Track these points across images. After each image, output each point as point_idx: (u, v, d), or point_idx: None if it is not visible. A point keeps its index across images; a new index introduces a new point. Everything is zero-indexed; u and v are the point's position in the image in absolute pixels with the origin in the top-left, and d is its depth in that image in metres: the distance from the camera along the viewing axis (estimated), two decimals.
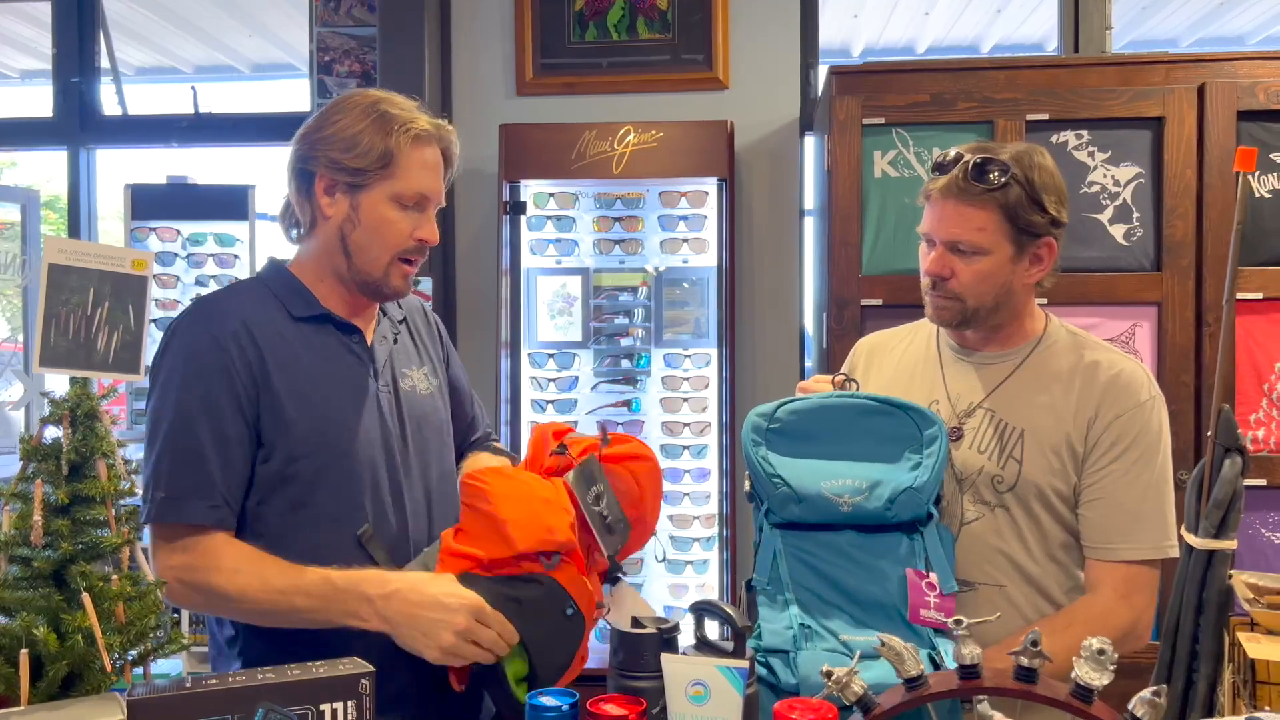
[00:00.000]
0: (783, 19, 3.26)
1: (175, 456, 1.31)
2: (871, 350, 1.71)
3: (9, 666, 0.98)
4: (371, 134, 1.39)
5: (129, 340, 1.09)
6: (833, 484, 1.32)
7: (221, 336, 1.35)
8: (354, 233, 1.41)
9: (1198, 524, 1.04)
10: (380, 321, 1.52)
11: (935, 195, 1.46)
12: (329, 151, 1.40)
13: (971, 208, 1.42)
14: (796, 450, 1.38)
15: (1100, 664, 0.93)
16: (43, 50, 4.40)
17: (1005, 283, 1.46)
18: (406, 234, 1.41)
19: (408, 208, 1.41)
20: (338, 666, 1.07)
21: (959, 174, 1.42)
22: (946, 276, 1.46)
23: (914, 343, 1.66)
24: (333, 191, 1.41)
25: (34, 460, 1.03)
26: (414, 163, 1.41)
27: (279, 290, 1.44)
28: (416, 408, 1.49)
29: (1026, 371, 1.51)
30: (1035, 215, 1.42)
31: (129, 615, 1.03)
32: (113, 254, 1.08)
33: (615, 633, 1.12)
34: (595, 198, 3.14)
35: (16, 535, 1.01)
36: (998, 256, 1.44)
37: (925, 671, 0.98)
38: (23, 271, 3.80)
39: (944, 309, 1.49)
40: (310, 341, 1.41)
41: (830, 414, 1.40)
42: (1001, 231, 1.42)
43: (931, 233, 1.48)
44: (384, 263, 1.41)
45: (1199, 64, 2.54)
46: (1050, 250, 1.47)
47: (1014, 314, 1.51)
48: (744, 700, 0.95)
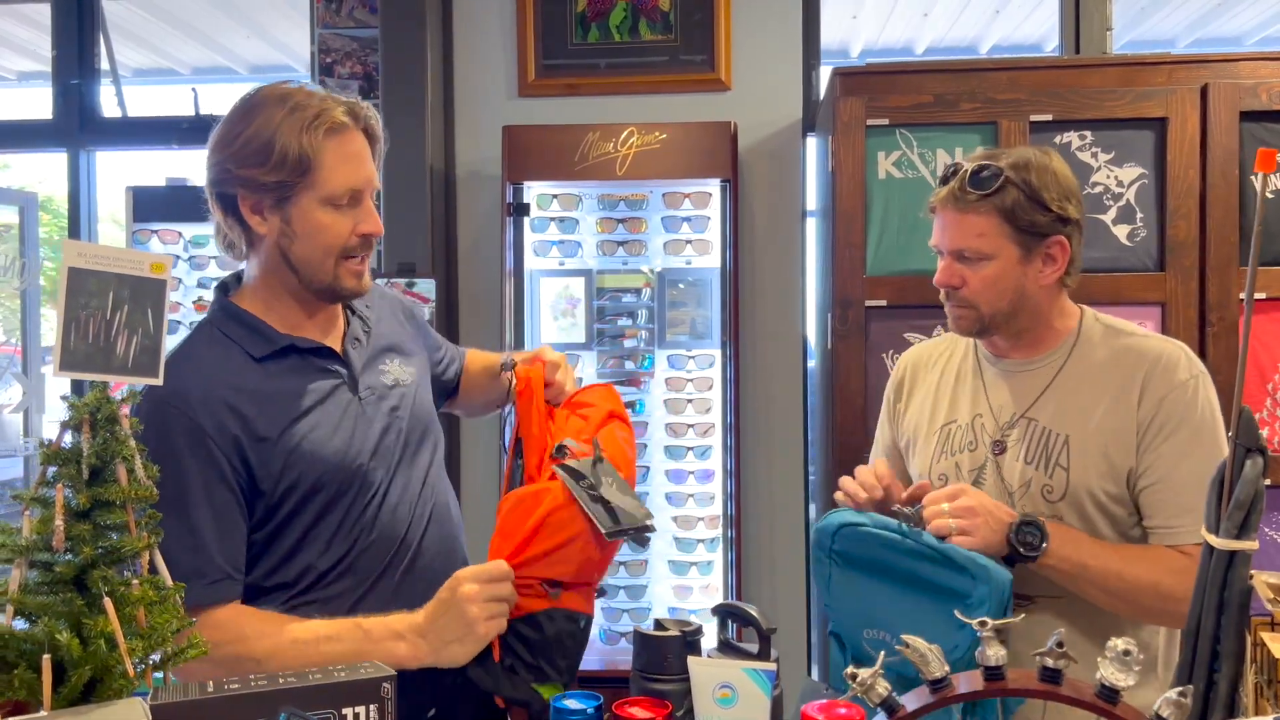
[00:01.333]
0: (784, 20, 3.26)
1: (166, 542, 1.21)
2: (915, 365, 1.71)
3: (31, 672, 0.97)
4: (284, 138, 1.29)
5: (148, 344, 1.08)
6: (872, 636, 1.32)
7: (190, 409, 1.27)
8: (293, 246, 1.34)
9: (1218, 524, 1.04)
10: (350, 323, 1.47)
11: (939, 206, 1.49)
12: (243, 170, 1.30)
13: (970, 215, 1.44)
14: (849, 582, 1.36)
15: (1126, 665, 0.93)
16: (40, 52, 4.39)
17: (1017, 286, 1.46)
18: (347, 233, 1.34)
19: (341, 206, 1.33)
20: (359, 670, 1.07)
21: (957, 184, 1.45)
22: (957, 285, 1.48)
23: (954, 354, 1.66)
24: (260, 210, 1.33)
25: (54, 464, 1.02)
26: (336, 159, 1.31)
27: (233, 333, 1.37)
28: (401, 404, 1.46)
29: (1066, 377, 1.49)
30: (1037, 215, 1.42)
31: (150, 620, 1.03)
32: (131, 257, 1.07)
33: (638, 635, 1.11)
34: (598, 199, 3.14)
35: (38, 540, 1.00)
36: (1003, 260, 1.44)
37: (949, 673, 0.98)
38: (21, 274, 3.79)
39: (961, 318, 1.51)
40: (280, 377, 1.35)
41: (888, 554, 1.34)
42: (1003, 235, 1.43)
43: (938, 244, 1.50)
44: (329, 267, 1.35)
45: (1201, 64, 2.55)
46: (1063, 248, 1.46)
47: (1038, 317, 1.50)
48: (772, 702, 0.95)
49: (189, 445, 1.26)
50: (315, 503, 1.33)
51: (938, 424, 1.60)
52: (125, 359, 1.06)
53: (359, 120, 1.35)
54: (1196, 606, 1.05)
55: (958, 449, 1.55)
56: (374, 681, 1.05)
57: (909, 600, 1.30)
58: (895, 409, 1.72)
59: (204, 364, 1.32)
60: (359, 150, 1.35)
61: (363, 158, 1.35)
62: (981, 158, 1.46)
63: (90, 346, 1.04)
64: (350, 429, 1.37)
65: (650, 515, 1.29)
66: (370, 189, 1.36)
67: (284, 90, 1.33)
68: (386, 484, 1.40)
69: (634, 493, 1.33)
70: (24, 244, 3.90)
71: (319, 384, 1.37)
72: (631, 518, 1.26)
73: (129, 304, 1.07)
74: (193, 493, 1.26)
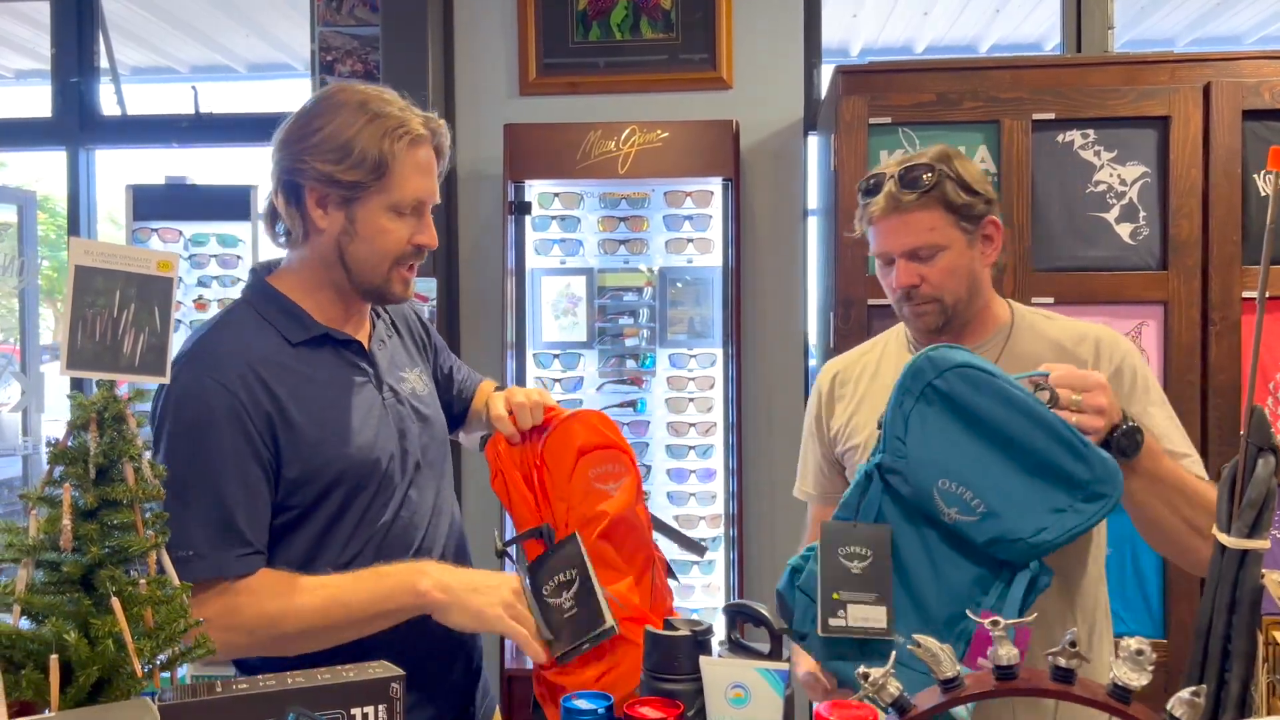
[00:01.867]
0: (786, 19, 3.26)
1: (198, 514, 1.26)
2: (839, 376, 1.70)
3: (38, 673, 0.96)
4: (364, 141, 1.32)
5: (155, 342, 1.07)
6: (947, 487, 1.22)
7: (228, 381, 1.29)
8: (350, 245, 1.36)
9: (1230, 523, 1.04)
10: (375, 325, 1.49)
11: (878, 216, 1.53)
12: (317, 163, 1.32)
13: (916, 213, 1.49)
14: (942, 424, 1.24)
15: (1139, 664, 0.93)
16: (39, 50, 4.38)
17: (970, 270, 1.53)
18: (405, 241, 1.37)
19: (405, 214, 1.36)
20: (367, 670, 1.07)
21: (892, 188, 1.50)
22: (917, 284, 1.52)
23: (885, 356, 1.67)
24: (325, 205, 1.35)
25: (61, 464, 1.01)
26: (409, 169, 1.35)
27: (271, 315, 1.38)
28: (420, 409, 1.48)
29: (1012, 357, 1.54)
30: (969, 198, 1.50)
31: (157, 619, 1.02)
32: (138, 255, 1.07)
33: (649, 635, 1.11)
34: (600, 198, 3.14)
35: (45, 540, 1.00)
36: (956, 248, 1.51)
37: (961, 672, 0.98)
38: (20, 273, 3.78)
39: (924, 314, 1.54)
40: (313, 365, 1.37)
41: (1004, 409, 1.23)
42: (950, 224, 1.50)
43: (888, 250, 1.54)
44: (384, 271, 1.38)
45: (1204, 63, 2.55)
46: (996, 226, 1.55)
47: (983, 301, 1.58)
48: (784, 702, 0.94)
49: (226, 418, 1.28)
50: (335, 497, 1.34)
51: None
52: (132, 358, 1.06)
53: (434, 135, 1.39)
54: (1208, 605, 1.05)
55: None
56: (383, 681, 1.05)
57: (1008, 466, 1.22)
58: (825, 422, 1.69)
59: (242, 340, 1.34)
60: (430, 163, 1.39)
61: (431, 171, 1.39)
62: (901, 162, 1.52)
63: (97, 345, 1.04)
64: (375, 426, 1.38)
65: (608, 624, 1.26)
66: (432, 201, 1.40)
67: (363, 94, 1.36)
68: (404, 489, 1.40)
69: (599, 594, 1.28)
70: (22, 243, 3.89)
71: (349, 377, 1.39)
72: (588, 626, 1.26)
73: (136, 302, 1.06)
74: (227, 466, 1.28)
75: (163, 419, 1.30)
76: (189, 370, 1.29)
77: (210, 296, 3.28)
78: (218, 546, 1.26)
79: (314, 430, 1.32)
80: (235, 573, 1.27)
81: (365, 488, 1.35)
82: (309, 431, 1.32)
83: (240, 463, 1.28)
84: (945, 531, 1.25)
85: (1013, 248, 2.52)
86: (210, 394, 1.28)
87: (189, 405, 1.28)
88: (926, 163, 1.50)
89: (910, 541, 1.26)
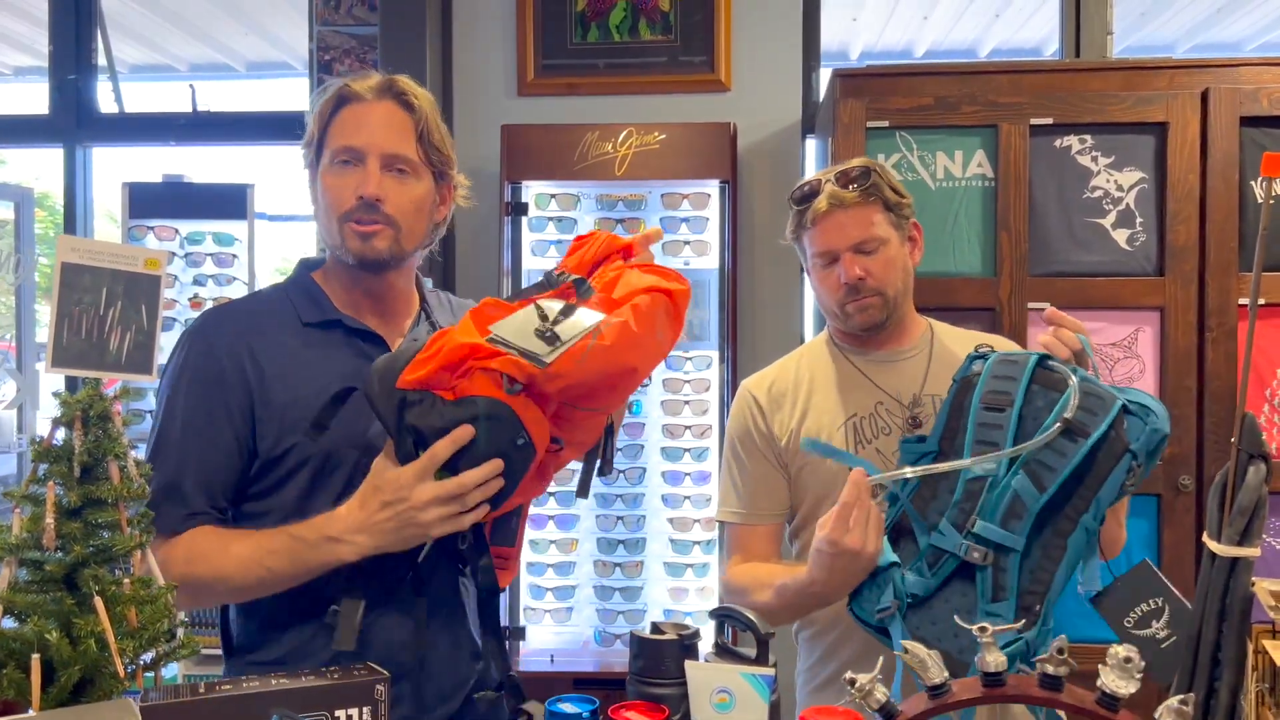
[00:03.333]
0: (785, 21, 3.26)
1: (157, 464, 1.29)
2: (768, 390, 1.72)
3: (20, 672, 0.96)
4: (310, 117, 1.42)
5: (141, 340, 1.07)
6: None
7: (218, 347, 1.36)
8: (317, 215, 1.44)
9: (1220, 530, 1.04)
10: (419, 323, 1.49)
11: (821, 216, 1.60)
12: (303, 149, 1.44)
13: (859, 209, 1.59)
14: None
15: (1126, 672, 0.92)
16: (37, 47, 4.38)
17: (905, 267, 1.65)
18: (349, 193, 1.37)
19: (345, 169, 1.37)
20: (352, 673, 1.06)
21: (834, 189, 1.59)
22: (864, 277, 1.59)
23: (816, 364, 1.73)
24: (312, 182, 1.44)
25: (46, 461, 1.01)
26: (344, 123, 1.39)
27: (295, 296, 1.44)
28: None
29: (940, 363, 1.65)
30: (899, 199, 1.63)
31: (141, 619, 1.02)
32: (126, 253, 1.06)
33: (635, 639, 1.10)
34: (597, 199, 3.13)
35: (28, 538, 0.99)
36: (894, 243, 1.62)
37: (949, 679, 0.97)
38: (16, 270, 3.78)
39: (869, 308, 1.62)
40: (316, 345, 1.39)
41: None
42: (888, 221, 1.61)
43: (834, 247, 1.61)
44: (335, 229, 1.39)
45: (1202, 69, 2.54)
46: (918, 229, 1.69)
47: (909, 303, 1.69)
48: (769, 707, 0.94)
49: (208, 379, 1.34)
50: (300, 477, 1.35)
51: (839, 422, 1.65)
52: (118, 355, 1.05)
53: (383, 92, 1.39)
54: (1198, 613, 1.04)
55: (872, 436, 1.64)
56: (368, 684, 1.05)
57: None
58: (769, 431, 1.69)
59: (254, 315, 1.42)
60: (374, 117, 1.38)
61: (372, 123, 1.38)
62: (834, 168, 1.63)
63: (84, 343, 1.03)
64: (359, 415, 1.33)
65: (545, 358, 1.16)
66: (375, 152, 1.37)
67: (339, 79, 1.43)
68: None
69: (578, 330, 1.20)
70: (19, 239, 3.89)
71: (354, 362, 1.38)
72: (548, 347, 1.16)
73: (123, 300, 1.06)
74: (197, 425, 1.33)
75: (165, 371, 1.39)
76: (193, 330, 1.39)
77: (206, 295, 3.27)
78: (165, 499, 1.29)
79: (292, 410, 1.33)
80: (177, 529, 1.31)
81: (336, 472, 1.35)
82: (282, 413, 1.34)
83: (211, 424, 1.33)
84: None
85: (1010, 252, 2.52)
86: (199, 356, 1.36)
87: (180, 363, 1.37)
88: (862, 164, 1.62)
89: None
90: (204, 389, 1.34)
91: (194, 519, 1.32)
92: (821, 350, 1.75)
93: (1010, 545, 1.29)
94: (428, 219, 1.46)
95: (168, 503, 1.29)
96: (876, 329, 1.65)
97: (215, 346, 1.36)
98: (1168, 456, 2.46)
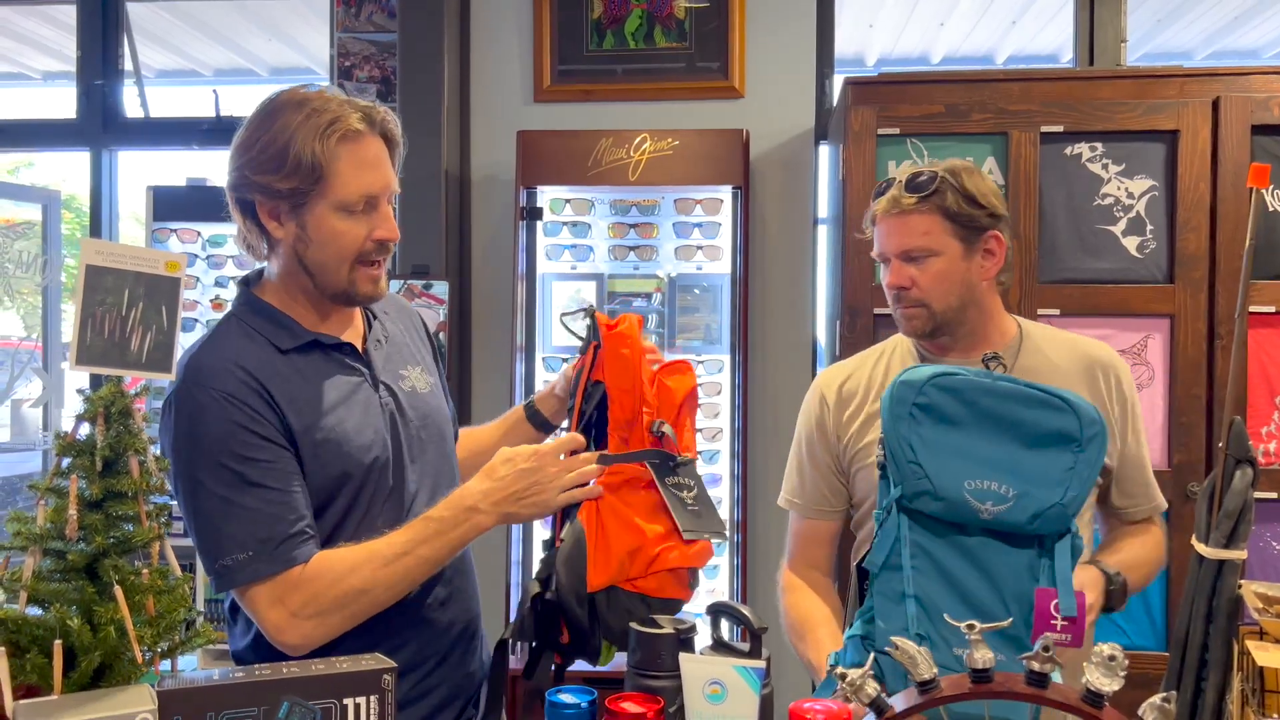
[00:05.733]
0: (799, 29, 3.28)
1: (246, 515, 1.26)
2: (841, 385, 1.70)
3: (42, 657, 1.00)
4: (299, 145, 1.28)
5: (161, 340, 1.11)
6: (977, 486, 1.25)
7: (232, 391, 1.29)
8: (308, 251, 1.34)
9: (1208, 533, 1.06)
10: (372, 326, 1.49)
11: (880, 216, 1.58)
12: (259, 176, 1.31)
13: (913, 216, 1.54)
14: (941, 436, 1.29)
15: (1111, 670, 0.94)
16: (65, 52, 4.46)
17: (964, 280, 1.56)
18: (362, 239, 1.34)
19: (356, 213, 1.33)
20: (360, 662, 1.10)
21: (895, 192, 1.55)
22: (908, 286, 1.55)
23: (890, 365, 1.67)
24: (277, 216, 1.33)
25: (69, 455, 1.05)
26: (350, 166, 1.31)
27: (258, 325, 1.38)
28: (419, 407, 1.47)
29: (1020, 372, 1.55)
30: (972, 209, 1.54)
31: (158, 609, 1.06)
32: (147, 256, 1.10)
33: (633, 632, 1.13)
34: (611, 204, 3.17)
35: (51, 529, 1.03)
36: (949, 256, 1.54)
37: (938, 675, 1.00)
38: (43, 271, 3.85)
39: (913, 318, 1.58)
40: (304, 370, 1.36)
41: (985, 399, 1.29)
42: (946, 231, 1.54)
43: (884, 250, 1.58)
44: (344, 273, 1.35)
45: (1213, 78, 2.55)
46: (999, 243, 1.58)
47: (984, 314, 1.60)
48: (761, 700, 0.97)
49: (239, 420, 1.28)
50: (341, 498, 1.35)
51: None
52: (139, 355, 1.09)
53: (375, 125, 1.34)
54: (1185, 614, 1.07)
55: None
56: (375, 673, 1.08)
57: (1013, 447, 1.27)
58: (833, 429, 1.68)
59: (231, 352, 1.33)
60: (375, 156, 1.34)
61: (377, 163, 1.34)
62: (911, 169, 1.57)
63: (106, 342, 1.08)
64: (374, 425, 1.38)
65: (724, 525, 1.39)
66: (386, 194, 1.36)
67: (301, 95, 1.33)
68: (404, 486, 1.41)
69: (712, 502, 1.42)
70: (46, 241, 3.96)
71: (344, 379, 1.39)
72: (710, 524, 1.38)
73: (144, 301, 1.10)
74: (257, 463, 1.28)
75: (176, 436, 1.29)
76: (188, 390, 1.29)
77: (227, 297, 3.34)
78: (279, 539, 1.27)
79: (314, 434, 1.33)
80: (302, 559, 1.28)
81: (365, 487, 1.37)
82: (309, 436, 1.32)
83: (268, 455, 1.29)
84: (981, 531, 1.27)
85: (1019, 260, 2.53)
86: (217, 405, 1.28)
87: (200, 420, 1.28)
88: (933, 170, 1.54)
89: (949, 555, 1.28)
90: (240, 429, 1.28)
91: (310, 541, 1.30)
92: (902, 350, 1.69)
93: None
94: None
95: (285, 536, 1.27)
96: (927, 337, 1.59)
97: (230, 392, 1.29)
98: (1177, 464, 2.47)
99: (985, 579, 1.26)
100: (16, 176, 8.33)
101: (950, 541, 1.28)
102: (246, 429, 1.28)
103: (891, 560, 1.28)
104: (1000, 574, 1.26)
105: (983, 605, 1.25)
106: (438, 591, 1.42)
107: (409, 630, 1.39)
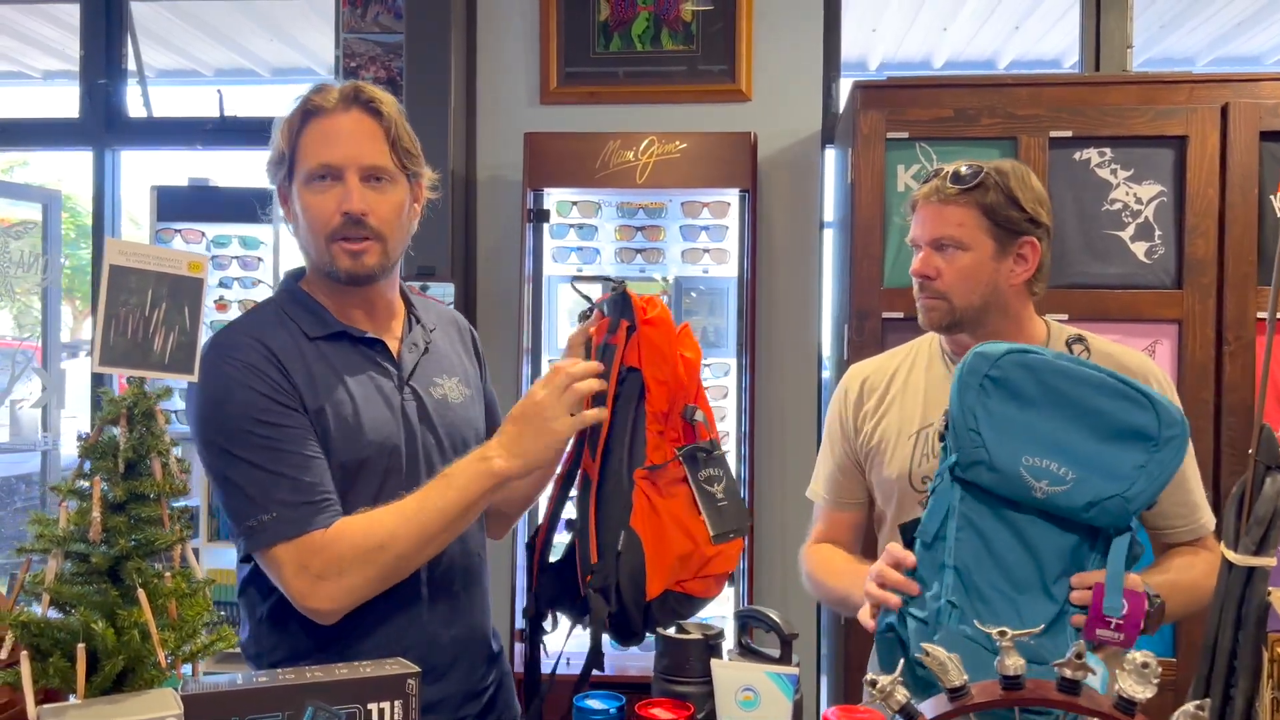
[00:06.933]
0: (805, 32, 3.28)
1: (270, 479, 1.28)
2: (868, 379, 1.70)
3: (65, 661, 0.99)
4: (277, 134, 1.38)
5: (184, 341, 1.10)
6: (1034, 463, 1.21)
7: (252, 360, 1.32)
8: (298, 233, 1.41)
9: (1237, 540, 1.05)
10: (411, 329, 1.49)
11: (920, 202, 1.56)
12: (268, 170, 1.41)
13: (951, 206, 1.51)
14: (1009, 411, 1.25)
15: (1144, 677, 0.94)
16: (68, 52, 4.45)
17: (990, 281, 1.52)
18: (330, 212, 1.34)
19: (323, 186, 1.35)
20: (384, 666, 1.09)
21: (939, 180, 1.53)
22: (932, 276, 1.53)
23: (915, 363, 1.67)
24: (285, 202, 1.41)
25: (92, 457, 1.04)
26: (312, 139, 1.35)
27: (293, 311, 1.41)
28: (447, 416, 1.46)
29: None
30: (1012, 212, 1.50)
31: (181, 612, 1.05)
32: (170, 256, 1.10)
33: (661, 638, 1.13)
34: (618, 207, 3.16)
35: (75, 531, 1.02)
36: (979, 253, 1.51)
37: (968, 682, 0.99)
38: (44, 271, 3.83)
39: (932, 309, 1.55)
40: (329, 356, 1.38)
41: (1061, 381, 1.25)
42: (981, 228, 1.51)
43: (917, 236, 1.57)
44: (322, 248, 1.37)
45: (1222, 84, 2.55)
46: (1034, 249, 1.53)
47: (1010, 318, 1.56)
48: (793, 706, 0.96)
49: (261, 388, 1.31)
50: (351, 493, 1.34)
51: (912, 429, 1.61)
52: (162, 355, 1.08)
53: (348, 101, 1.36)
54: (1214, 621, 1.06)
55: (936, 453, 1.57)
56: (399, 677, 1.07)
57: (1084, 434, 1.23)
58: (851, 423, 1.69)
59: (260, 331, 1.36)
60: (343, 130, 1.35)
61: (343, 136, 1.35)
62: (962, 162, 1.55)
63: (129, 343, 1.07)
64: (389, 422, 1.38)
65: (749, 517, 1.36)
66: (353, 166, 1.35)
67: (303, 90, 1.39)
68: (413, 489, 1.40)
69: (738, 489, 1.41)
70: (46, 241, 3.94)
71: (367, 371, 1.40)
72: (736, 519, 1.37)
73: (167, 301, 1.09)
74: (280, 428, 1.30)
75: (201, 402, 1.31)
76: (213, 360, 1.31)
77: (231, 298, 3.32)
78: (300, 501, 1.28)
79: (324, 417, 1.34)
80: (324, 524, 1.29)
81: (374, 477, 1.36)
82: (321, 417, 1.34)
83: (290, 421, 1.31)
84: (1034, 510, 1.24)
85: None
86: (239, 372, 1.31)
87: (224, 387, 1.30)
88: (980, 165, 1.52)
89: (996, 529, 1.24)
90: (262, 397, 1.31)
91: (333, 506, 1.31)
92: (929, 348, 1.68)
93: None
94: (408, 224, 1.46)
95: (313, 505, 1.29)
96: (944, 331, 1.58)
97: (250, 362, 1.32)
98: None
99: (1030, 556, 1.23)
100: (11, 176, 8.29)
101: (1000, 515, 1.24)
102: (269, 397, 1.31)
103: (939, 531, 1.26)
104: (1045, 554, 1.23)
105: (1023, 581, 1.22)
106: (439, 605, 1.41)
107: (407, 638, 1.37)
